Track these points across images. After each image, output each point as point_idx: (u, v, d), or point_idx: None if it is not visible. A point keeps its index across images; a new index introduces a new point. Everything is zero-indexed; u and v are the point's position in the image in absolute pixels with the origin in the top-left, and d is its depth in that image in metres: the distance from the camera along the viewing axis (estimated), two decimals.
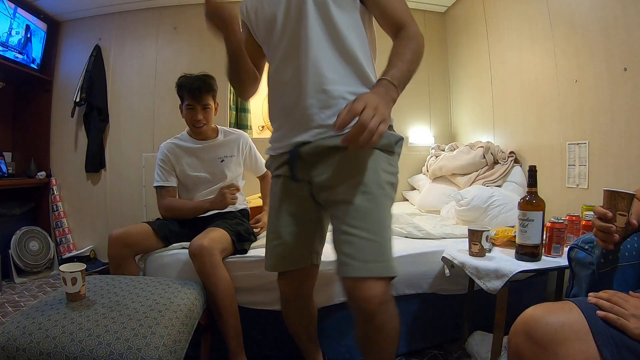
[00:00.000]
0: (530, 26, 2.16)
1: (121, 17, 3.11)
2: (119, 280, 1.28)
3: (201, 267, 1.39)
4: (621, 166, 1.60)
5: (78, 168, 3.09)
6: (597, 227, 0.83)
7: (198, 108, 1.70)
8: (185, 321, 1.11)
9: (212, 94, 1.74)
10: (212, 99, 1.75)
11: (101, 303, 1.09)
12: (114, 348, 0.91)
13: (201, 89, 1.67)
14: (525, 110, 2.25)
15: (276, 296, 1.55)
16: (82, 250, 3.04)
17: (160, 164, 1.77)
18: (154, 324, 1.01)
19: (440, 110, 3.30)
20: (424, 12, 3.26)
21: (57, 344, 0.92)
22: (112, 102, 3.09)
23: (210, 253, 1.40)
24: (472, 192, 2.06)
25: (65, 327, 0.96)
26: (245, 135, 1.93)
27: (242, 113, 3.25)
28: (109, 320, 1.00)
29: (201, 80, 1.69)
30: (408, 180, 3.20)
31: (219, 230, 1.55)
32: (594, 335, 0.68)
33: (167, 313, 1.07)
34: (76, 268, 1.09)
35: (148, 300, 1.12)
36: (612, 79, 1.62)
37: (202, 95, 1.68)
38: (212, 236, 1.48)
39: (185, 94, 1.70)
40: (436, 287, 1.64)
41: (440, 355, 1.65)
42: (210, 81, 1.73)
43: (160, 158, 1.78)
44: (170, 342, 0.98)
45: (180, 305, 1.15)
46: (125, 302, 1.10)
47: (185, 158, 1.79)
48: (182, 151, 1.79)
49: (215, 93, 1.76)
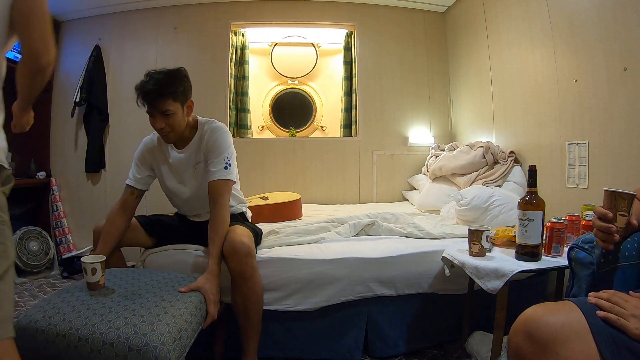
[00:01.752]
0: (530, 26, 2.16)
1: (121, 17, 3.11)
2: (139, 273, 1.35)
3: (242, 269, 1.35)
4: (621, 166, 1.60)
5: (78, 168, 3.09)
6: (598, 227, 0.83)
7: (157, 115, 1.44)
8: (194, 312, 1.17)
9: (172, 97, 1.42)
10: (174, 102, 1.44)
11: (118, 292, 1.17)
12: (122, 332, 0.99)
13: (154, 94, 1.40)
14: (525, 110, 2.25)
15: (277, 296, 1.56)
16: (82, 250, 3.04)
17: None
18: (162, 312, 1.07)
19: (440, 110, 3.31)
20: (424, 12, 3.27)
21: (72, 327, 1.01)
22: (112, 102, 3.09)
23: (252, 254, 1.38)
24: (472, 192, 2.06)
25: (81, 312, 1.05)
26: (212, 127, 1.57)
27: (242, 113, 3.26)
28: (121, 308, 1.07)
29: (156, 82, 1.41)
30: (408, 180, 3.20)
31: (246, 229, 1.49)
32: (594, 335, 0.68)
33: (176, 303, 1.13)
34: (96, 260, 1.17)
35: (161, 292, 1.19)
36: (612, 79, 1.62)
37: (155, 101, 1.41)
38: (248, 234, 1.44)
39: (140, 100, 1.45)
40: (436, 286, 1.64)
41: (440, 355, 1.65)
42: (168, 82, 1.42)
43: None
44: (175, 329, 1.04)
45: (191, 297, 1.20)
46: (140, 292, 1.18)
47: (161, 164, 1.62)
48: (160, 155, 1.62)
49: (178, 94, 1.44)
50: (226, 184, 1.49)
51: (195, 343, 1.17)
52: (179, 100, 1.46)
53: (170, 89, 1.42)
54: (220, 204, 1.45)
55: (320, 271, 1.56)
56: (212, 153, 1.52)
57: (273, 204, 2.36)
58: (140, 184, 1.59)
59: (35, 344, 1.01)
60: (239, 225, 1.52)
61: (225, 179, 1.48)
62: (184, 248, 1.60)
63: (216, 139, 1.53)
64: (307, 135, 3.59)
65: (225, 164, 1.50)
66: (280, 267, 1.56)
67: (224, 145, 1.52)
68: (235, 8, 3.15)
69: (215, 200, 1.46)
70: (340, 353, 1.61)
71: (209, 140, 1.53)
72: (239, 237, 1.38)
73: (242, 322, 1.41)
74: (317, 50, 3.55)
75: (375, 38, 3.23)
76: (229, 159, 1.51)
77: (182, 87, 1.46)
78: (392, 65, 3.23)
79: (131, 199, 1.57)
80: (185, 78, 1.50)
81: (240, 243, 1.36)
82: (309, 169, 3.17)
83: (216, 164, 1.49)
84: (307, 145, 3.20)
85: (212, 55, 3.09)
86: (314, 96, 3.60)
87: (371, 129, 3.22)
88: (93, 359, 0.99)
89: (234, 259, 1.35)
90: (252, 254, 1.39)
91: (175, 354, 1.02)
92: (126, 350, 0.97)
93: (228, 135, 1.57)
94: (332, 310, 1.59)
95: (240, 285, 1.37)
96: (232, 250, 1.35)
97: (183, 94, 1.47)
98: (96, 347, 0.98)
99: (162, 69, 1.47)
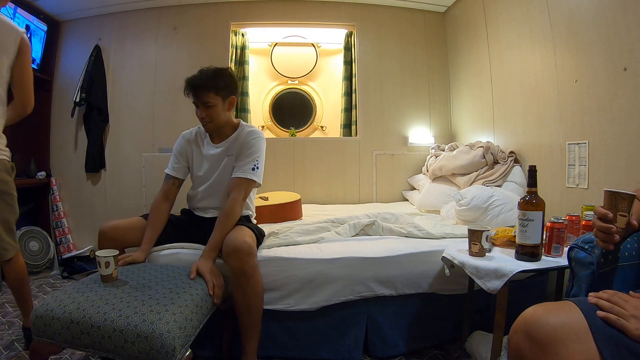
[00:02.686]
0: (530, 26, 2.16)
1: (121, 17, 3.11)
2: (150, 267, 1.43)
3: (243, 267, 1.37)
4: (621, 166, 1.60)
5: (78, 168, 3.09)
6: (598, 228, 0.83)
7: (200, 106, 1.61)
8: (200, 304, 1.23)
9: (214, 91, 1.59)
10: (216, 96, 1.59)
11: (129, 285, 1.24)
12: (131, 320, 1.06)
13: (198, 87, 1.59)
14: (525, 110, 2.25)
15: (276, 295, 1.56)
16: (82, 250, 3.04)
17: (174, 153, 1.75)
18: (169, 303, 1.13)
19: (440, 110, 3.31)
20: (423, 12, 3.27)
21: (85, 315, 1.08)
22: (112, 102, 3.09)
23: (254, 253, 1.40)
24: (472, 192, 2.06)
25: (94, 302, 1.12)
26: (251, 130, 1.69)
27: (242, 113, 3.26)
28: (132, 298, 1.14)
29: (202, 77, 1.60)
30: (408, 180, 3.20)
31: (250, 230, 1.52)
32: (594, 335, 0.68)
33: (183, 295, 1.19)
34: (109, 253, 1.25)
35: (170, 284, 1.25)
36: (612, 79, 1.62)
37: (199, 92, 1.58)
38: (250, 235, 1.47)
39: (188, 90, 1.62)
40: (436, 286, 1.64)
41: (440, 355, 1.65)
42: (213, 77, 1.59)
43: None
44: (181, 319, 1.11)
45: (198, 289, 1.26)
46: (150, 284, 1.25)
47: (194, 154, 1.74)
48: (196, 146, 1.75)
49: (220, 88, 1.60)
50: (248, 183, 1.59)
51: (203, 340, 1.18)
52: (220, 95, 1.60)
53: (212, 83, 1.58)
54: (236, 199, 1.54)
55: (320, 271, 1.56)
56: (244, 152, 1.62)
57: (273, 204, 2.36)
58: (179, 173, 1.72)
59: (51, 330, 1.10)
60: (242, 226, 1.54)
61: (249, 178, 1.58)
62: (184, 247, 1.60)
63: (251, 140, 1.64)
64: (307, 135, 3.59)
65: (253, 165, 1.60)
66: (280, 267, 1.56)
67: (257, 147, 1.63)
68: (235, 8, 3.15)
69: (232, 195, 1.55)
70: (340, 353, 1.61)
71: (245, 140, 1.64)
72: (241, 236, 1.41)
73: (243, 320, 1.42)
74: (317, 50, 3.55)
75: (375, 38, 3.23)
76: (258, 162, 1.62)
77: (224, 82, 1.61)
78: (392, 65, 3.24)
79: (172, 188, 1.70)
80: (230, 76, 1.65)
81: (243, 242, 1.38)
82: (309, 169, 3.17)
83: (245, 162, 1.60)
84: (307, 146, 3.20)
85: (212, 55, 3.09)
86: (314, 96, 3.60)
87: (371, 129, 3.22)
88: (104, 344, 1.06)
89: (236, 257, 1.37)
90: (254, 253, 1.41)
91: (180, 342, 1.08)
92: (134, 336, 1.04)
93: (263, 142, 1.69)
94: (332, 310, 1.60)
95: (242, 284, 1.39)
96: (234, 249, 1.37)
97: (224, 89, 1.61)
98: (107, 334, 1.05)
99: (211, 66, 1.64)
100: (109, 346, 1.05)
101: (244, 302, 1.40)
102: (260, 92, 3.55)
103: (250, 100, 3.32)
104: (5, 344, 1.72)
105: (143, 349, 1.03)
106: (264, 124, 3.56)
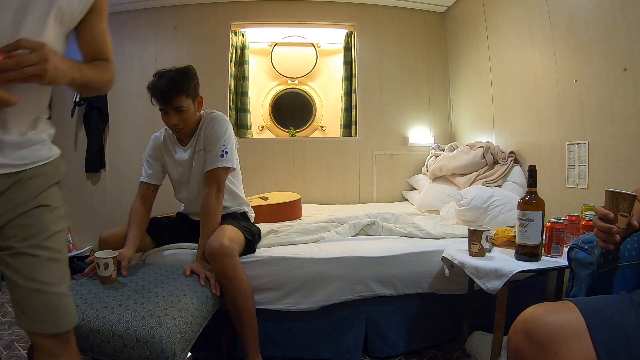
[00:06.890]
0: (530, 26, 2.16)
1: (121, 17, 3.10)
2: (149, 268, 1.41)
3: (223, 270, 1.37)
4: (621, 166, 1.60)
5: (78, 168, 3.09)
6: (599, 228, 0.83)
7: (171, 112, 1.50)
8: (200, 307, 1.22)
9: (185, 94, 1.49)
10: (187, 98, 1.50)
11: (128, 287, 1.23)
12: (130, 324, 1.04)
13: (169, 91, 1.46)
14: (525, 110, 2.25)
15: (276, 295, 1.56)
16: (81, 250, 3.04)
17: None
18: (169, 306, 1.12)
19: (440, 110, 3.31)
20: (423, 12, 3.27)
21: (84, 318, 1.06)
22: (112, 102, 3.08)
23: (231, 254, 1.38)
24: (472, 192, 2.06)
25: (92, 305, 1.11)
26: (211, 116, 1.60)
27: (242, 113, 3.26)
28: (131, 301, 1.13)
29: (169, 80, 1.47)
30: (408, 180, 3.20)
31: (234, 228, 1.50)
32: (591, 335, 0.68)
33: (183, 298, 1.18)
34: (108, 255, 1.23)
35: (169, 287, 1.24)
36: (612, 79, 1.61)
37: (169, 98, 1.47)
38: (230, 235, 1.44)
39: (154, 98, 1.50)
40: (436, 286, 1.64)
41: (440, 355, 1.65)
42: (181, 79, 1.49)
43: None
44: (181, 323, 1.10)
45: (198, 292, 1.26)
46: (149, 287, 1.23)
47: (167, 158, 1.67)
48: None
49: (190, 90, 1.51)
50: (220, 172, 1.54)
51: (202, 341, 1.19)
52: (191, 97, 1.52)
53: (183, 86, 1.48)
54: (209, 194, 1.50)
55: (319, 270, 1.56)
56: (209, 142, 1.56)
57: (273, 204, 2.36)
58: (153, 179, 1.64)
59: None
60: (228, 225, 1.52)
61: (220, 167, 1.52)
62: (183, 247, 1.60)
63: (212, 127, 1.57)
64: (307, 135, 3.59)
65: (221, 152, 1.54)
66: (279, 266, 1.56)
67: (220, 132, 1.56)
68: (235, 8, 3.15)
69: (205, 190, 1.52)
70: (340, 353, 1.61)
71: (206, 130, 1.57)
72: (218, 239, 1.40)
73: (235, 321, 1.42)
74: (317, 50, 3.55)
75: (375, 38, 3.23)
76: (226, 146, 1.55)
77: (193, 83, 1.53)
78: (392, 65, 3.23)
79: (148, 192, 1.63)
80: (195, 75, 1.56)
81: (219, 245, 1.37)
82: (309, 169, 3.17)
83: (213, 153, 1.54)
84: (307, 146, 3.20)
85: (212, 55, 3.09)
86: (313, 96, 3.60)
87: (371, 129, 3.22)
88: (103, 348, 1.05)
89: (213, 261, 1.38)
90: (231, 254, 1.39)
91: (181, 347, 1.06)
92: (134, 341, 1.02)
93: (224, 123, 1.60)
94: (332, 310, 1.59)
95: (225, 286, 1.39)
96: (210, 253, 1.38)
97: (194, 91, 1.54)
98: (106, 338, 1.04)
99: (171, 68, 1.53)
100: (108, 350, 1.04)
101: (232, 303, 1.40)
102: (260, 92, 3.55)
103: (250, 100, 3.32)
104: (5, 344, 1.72)
105: (143, 354, 1.02)
106: (264, 124, 3.56)
